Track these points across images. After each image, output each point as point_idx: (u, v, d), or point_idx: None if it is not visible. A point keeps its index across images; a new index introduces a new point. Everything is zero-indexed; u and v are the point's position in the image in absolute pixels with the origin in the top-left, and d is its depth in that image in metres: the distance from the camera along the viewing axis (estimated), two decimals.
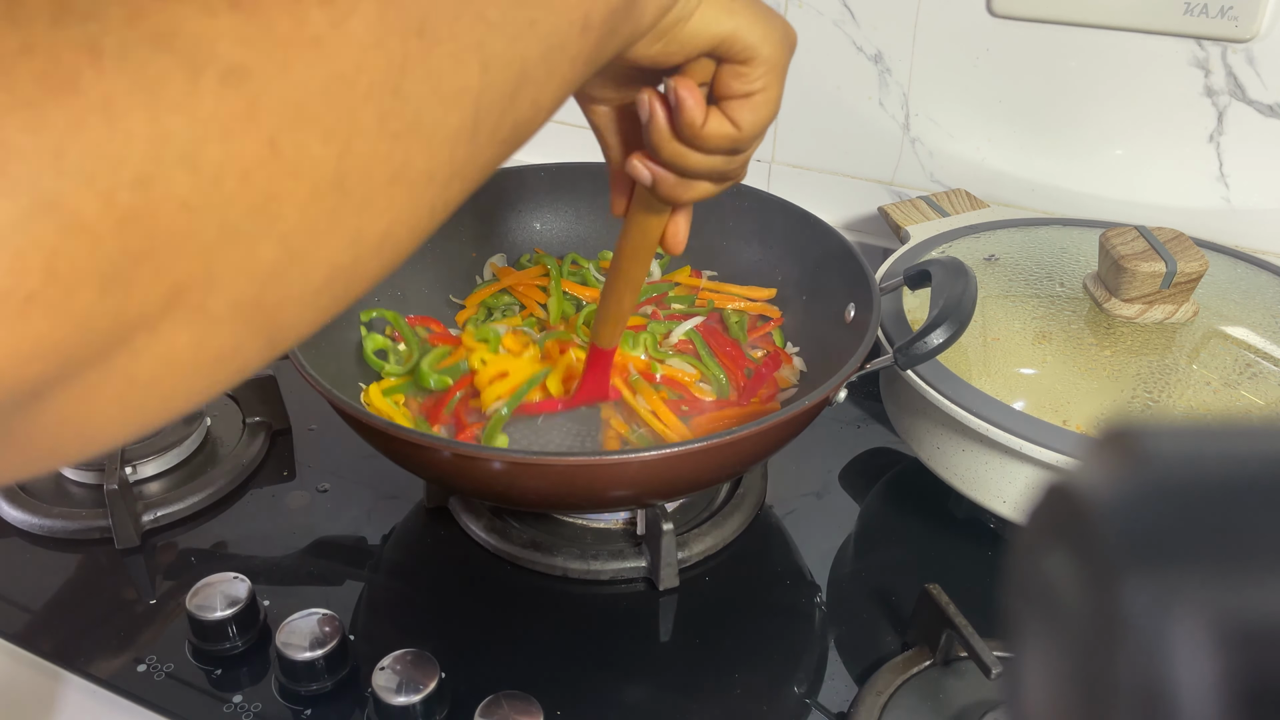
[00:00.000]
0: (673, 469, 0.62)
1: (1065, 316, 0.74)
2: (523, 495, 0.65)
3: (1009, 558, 0.19)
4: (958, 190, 0.94)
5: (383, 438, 0.63)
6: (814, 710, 0.63)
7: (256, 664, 0.65)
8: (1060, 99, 0.92)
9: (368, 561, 0.74)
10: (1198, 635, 0.15)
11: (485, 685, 0.60)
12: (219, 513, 0.79)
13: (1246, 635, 0.15)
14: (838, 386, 0.65)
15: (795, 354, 0.83)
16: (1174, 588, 0.16)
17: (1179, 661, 0.15)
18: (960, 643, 0.61)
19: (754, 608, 0.71)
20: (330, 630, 0.63)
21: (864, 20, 0.95)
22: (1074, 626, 0.17)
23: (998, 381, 0.69)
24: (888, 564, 0.75)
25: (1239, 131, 0.87)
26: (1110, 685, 0.16)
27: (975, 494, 0.71)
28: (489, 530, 0.74)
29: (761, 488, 0.79)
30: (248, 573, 0.68)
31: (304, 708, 0.62)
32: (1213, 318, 0.74)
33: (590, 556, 0.72)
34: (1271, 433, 0.17)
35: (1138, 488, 0.17)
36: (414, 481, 0.77)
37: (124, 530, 0.74)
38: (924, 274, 0.72)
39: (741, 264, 0.89)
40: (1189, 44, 0.85)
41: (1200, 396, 0.68)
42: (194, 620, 0.65)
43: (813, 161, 1.04)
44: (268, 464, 0.84)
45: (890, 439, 0.85)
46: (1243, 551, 0.16)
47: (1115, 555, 0.16)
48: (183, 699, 0.63)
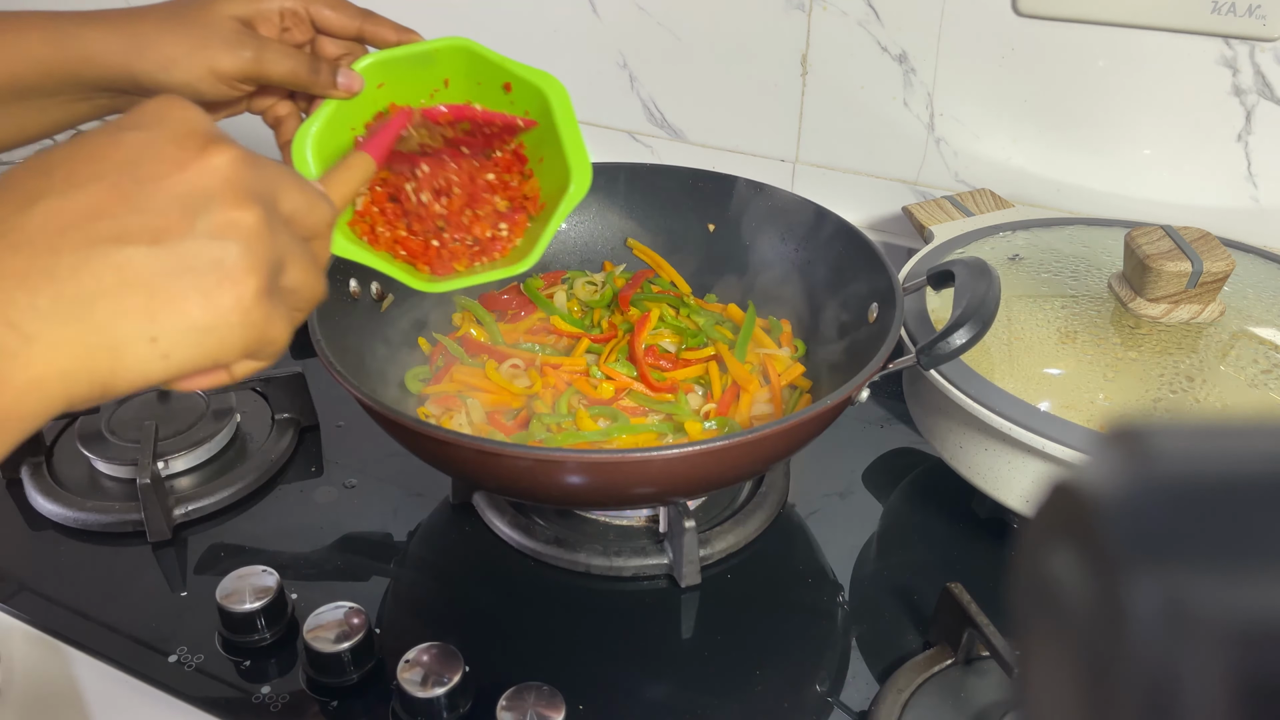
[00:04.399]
0: (695, 466, 0.62)
1: (1090, 316, 0.74)
2: (547, 492, 0.66)
3: (1015, 555, 0.20)
4: (982, 190, 0.94)
5: (410, 434, 0.63)
6: (835, 708, 0.63)
7: (284, 656, 0.66)
8: (1086, 98, 0.91)
9: (394, 556, 0.75)
10: (1201, 632, 0.15)
11: (508, 678, 0.61)
12: (248, 507, 0.80)
13: (1249, 632, 0.15)
14: (860, 386, 0.65)
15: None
16: (1178, 585, 0.16)
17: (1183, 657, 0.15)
18: (982, 642, 0.61)
19: (776, 606, 0.71)
20: (357, 624, 0.64)
21: (888, 20, 0.95)
22: (1079, 622, 0.17)
23: (1022, 381, 0.69)
24: (910, 563, 0.75)
25: (1267, 131, 0.86)
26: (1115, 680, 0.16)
27: (998, 493, 0.71)
28: (513, 526, 0.75)
29: (784, 486, 0.79)
30: (276, 566, 0.69)
31: (331, 699, 0.63)
32: (1240, 318, 0.73)
33: (613, 553, 0.72)
34: (1274, 432, 0.17)
35: (1143, 486, 0.17)
36: (440, 478, 0.78)
37: (156, 524, 0.76)
38: (947, 274, 0.72)
39: (765, 263, 0.89)
40: (1216, 43, 0.84)
41: (1227, 397, 0.68)
42: (224, 612, 0.66)
43: (837, 161, 1.04)
44: (296, 460, 0.85)
45: (913, 438, 0.85)
46: (1246, 550, 0.16)
47: (1120, 552, 0.16)
48: (212, 690, 0.64)
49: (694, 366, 0.82)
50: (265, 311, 0.37)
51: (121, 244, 0.34)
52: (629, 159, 1.05)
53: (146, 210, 0.35)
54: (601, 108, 1.12)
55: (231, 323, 0.36)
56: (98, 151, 0.35)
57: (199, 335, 0.35)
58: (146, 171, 0.35)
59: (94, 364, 0.34)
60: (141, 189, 0.35)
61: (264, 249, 0.37)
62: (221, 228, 0.35)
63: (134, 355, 0.34)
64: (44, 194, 0.34)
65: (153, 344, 0.35)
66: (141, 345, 0.34)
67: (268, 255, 0.37)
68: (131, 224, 0.34)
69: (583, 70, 1.10)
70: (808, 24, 0.98)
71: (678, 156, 1.11)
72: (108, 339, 0.34)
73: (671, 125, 1.10)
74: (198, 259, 0.35)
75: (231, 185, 0.36)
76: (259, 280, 0.36)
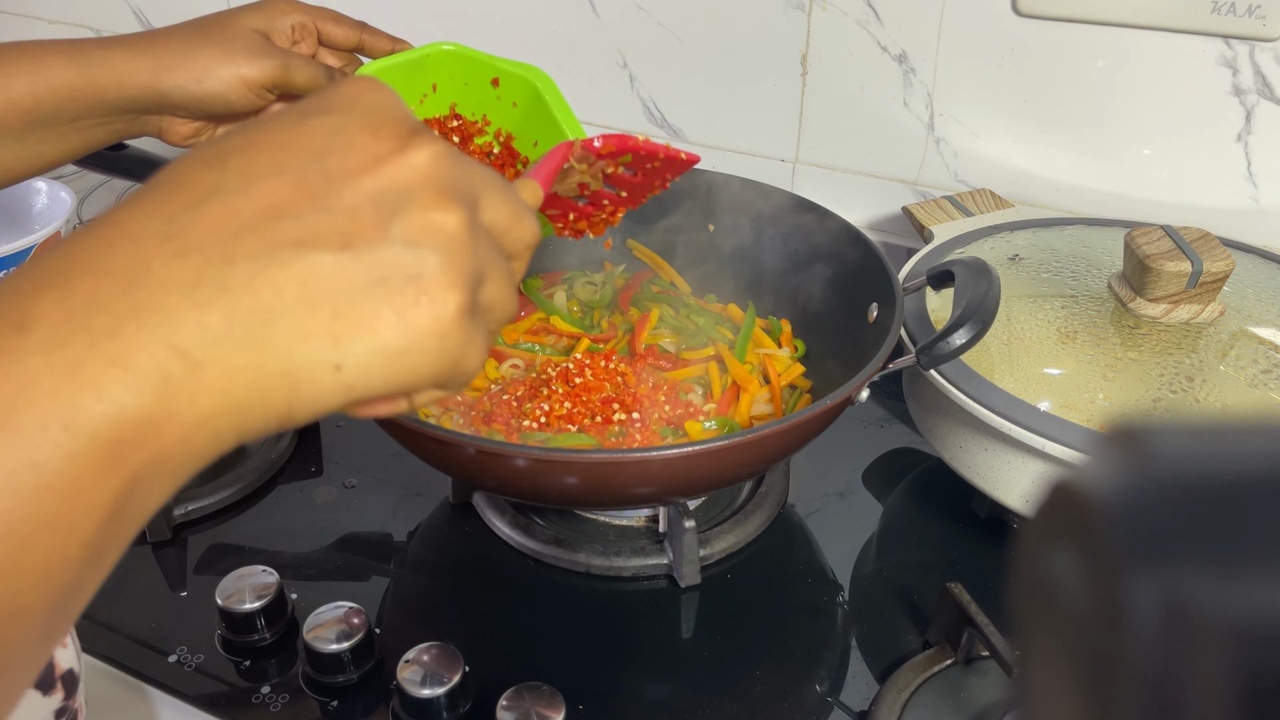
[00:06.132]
0: (695, 466, 0.62)
1: (1090, 316, 0.74)
2: (546, 492, 0.66)
3: (1015, 555, 0.20)
4: (982, 190, 0.94)
5: (409, 434, 0.63)
6: (835, 708, 0.63)
7: (284, 656, 0.66)
8: (1086, 98, 0.91)
9: (393, 556, 0.75)
10: (1202, 632, 0.15)
11: (508, 678, 0.61)
12: (248, 507, 0.80)
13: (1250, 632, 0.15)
14: (860, 386, 0.65)
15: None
16: (1178, 585, 0.16)
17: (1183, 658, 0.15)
18: (982, 642, 0.61)
19: (776, 606, 0.71)
20: (357, 623, 0.64)
21: (888, 20, 0.95)
22: (1079, 623, 0.17)
23: (1021, 381, 0.69)
24: (910, 563, 0.75)
25: (1267, 130, 0.86)
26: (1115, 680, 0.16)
27: (998, 493, 0.71)
28: (513, 526, 0.75)
29: (784, 486, 0.80)
30: (276, 566, 0.69)
31: (330, 699, 0.63)
32: (1240, 318, 0.73)
33: (613, 553, 0.72)
34: (1274, 432, 0.17)
35: (1143, 486, 0.17)
36: (439, 478, 0.78)
37: (155, 524, 0.76)
38: (947, 274, 0.72)
39: (765, 263, 0.89)
40: (1216, 43, 0.84)
41: (1227, 397, 0.68)
42: (223, 612, 0.66)
43: (837, 161, 1.04)
44: (296, 460, 0.85)
45: (913, 438, 0.85)
46: (1247, 549, 0.16)
47: (1120, 552, 0.16)
48: (212, 690, 0.64)
49: (694, 366, 0.82)
50: (465, 333, 0.31)
51: (306, 249, 0.29)
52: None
53: (335, 210, 0.30)
54: (601, 108, 1.12)
55: (427, 346, 0.30)
56: (281, 139, 0.31)
57: (388, 361, 0.30)
58: (336, 164, 0.30)
59: (269, 395, 0.29)
60: (330, 184, 0.30)
61: (466, 260, 0.31)
62: (421, 233, 0.30)
63: (313, 385, 0.29)
64: (217, 190, 0.29)
65: (336, 372, 0.29)
66: (324, 374, 0.29)
67: (470, 267, 0.32)
68: (318, 225, 0.29)
69: (583, 70, 1.10)
70: (808, 24, 0.98)
71: None
72: (286, 365, 0.29)
73: (671, 125, 1.10)
74: (393, 269, 0.30)
75: (434, 184, 0.31)
76: (461, 297, 0.31)
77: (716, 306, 0.90)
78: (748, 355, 0.83)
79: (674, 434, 0.76)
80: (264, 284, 0.28)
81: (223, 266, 0.28)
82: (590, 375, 0.77)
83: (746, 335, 0.84)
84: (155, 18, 1.36)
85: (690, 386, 0.81)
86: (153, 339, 0.27)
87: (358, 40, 0.71)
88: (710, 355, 0.83)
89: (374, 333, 0.29)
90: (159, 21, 1.36)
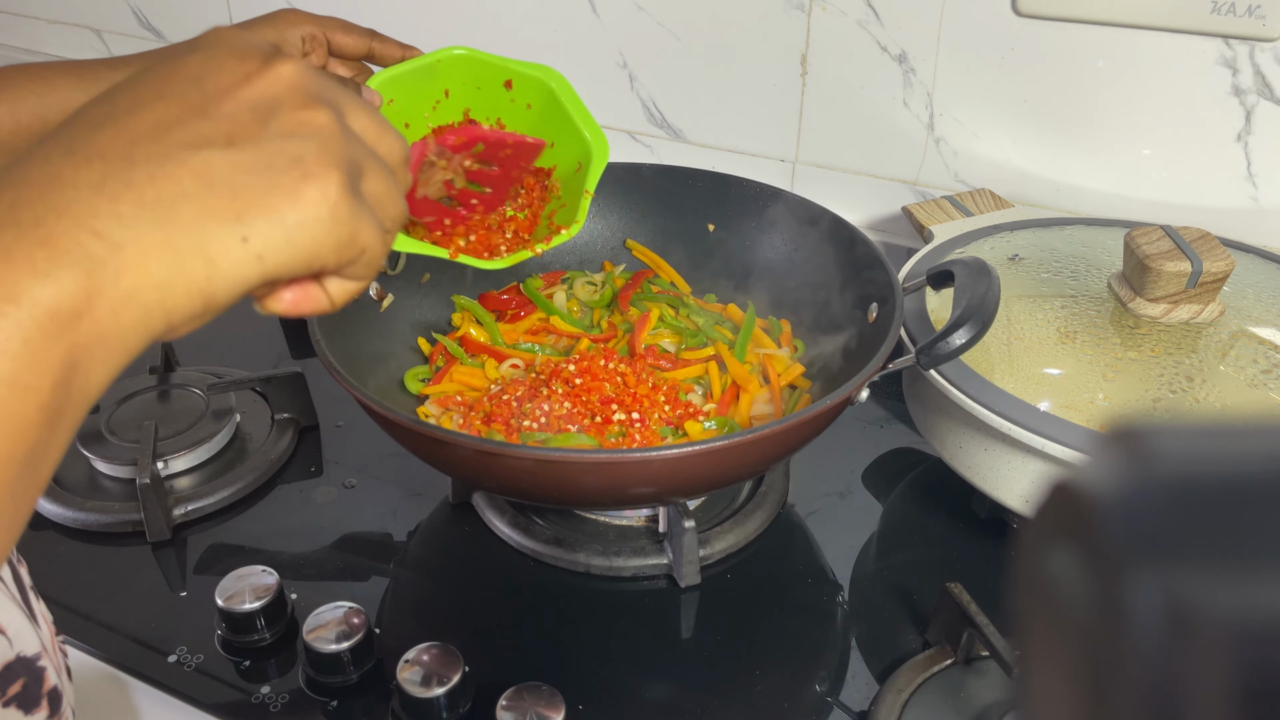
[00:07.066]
0: (695, 466, 0.62)
1: (1090, 316, 0.74)
2: (546, 492, 0.66)
3: (1015, 555, 0.20)
4: (982, 190, 0.94)
5: (409, 434, 0.63)
6: (835, 708, 0.63)
7: (284, 656, 0.66)
8: (1086, 98, 0.91)
9: (393, 556, 0.75)
10: (1202, 632, 0.15)
11: (508, 678, 0.61)
12: (248, 507, 0.80)
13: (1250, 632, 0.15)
14: (860, 386, 0.65)
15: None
16: (1178, 585, 0.16)
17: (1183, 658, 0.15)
18: (981, 642, 0.61)
19: (775, 606, 0.71)
20: (356, 623, 0.64)
21: (888, 20, 0.95)
22: (1079, 622, 0.17)
23: (1021, 381, 0.69)
24: (910, 563, 0.75)
25: (1267, 131, 0.86)
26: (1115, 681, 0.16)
27: (998, 493, 0.71)
28: (513, 526, 0.75)
29: (783, 486, 0.79)
30: (276, 566, 0.69)
31: (330, 699, 0.63)
32: (1239, 318, 0.73)
33: (613, 553, 0.72)
34: (1274, 431, 0.17)
35: (1143, 486, 0.17)
36: (439, 478, 0.78)
37: (155, 524, 0.76)
38: (947, 274, 0.72)
39: (765, 263, 0.89)
40: (1216, 43, 0.84)
41: (1227, 397, 0.68)
42: (223, 612, 0.66)
43: (837, 161, 1.04)
44: (295, 460, 0.85)
45: (913, 438, 0.86)
46: (1247, 549, 0.16)
47: (1120, 552, 0.16)
48: (212, 689, 0.64)
49: (694, 366, 0.82)
50: (351, 208, 0.36)
51: (196, 149, 0.33)
52: (629, 159, 1.06)
53: (217, 117, 0.34)
54: (601, 108, 1.11)
55: (321, 216, 0.35)
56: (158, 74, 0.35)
57: (290, 232, 0.34)
58: (212, 85, 0.35)
59: (188, 270, 0.33)
60: (209, 100, 0.34)
61: (339, 147, 0.36)
62: (295, 126, 0.35)
63: (227, 258, 0.33)
64: (109, 117, 0.33)
65: (244, 244, 0.33)
66: (233, 246, 0.33)
67: (344, 153, 0.36)
68: (204, 129, 0.34)
69: (582, 70, 1.10)
70: (807, 24, 0.98)
71: (677, 156, 1.11)
72: (197, 241, 0.32)
73: (671, 125, 1.10)
74: (276, 156, 0.34)
75: (300, 91, 0.36)
76: (340, 176, 0.35)
77: (716, 306, 0.90)
78: (747, 355, 0.83)
79: (674, 434, 0.76)
80: (164, 177, 0.32)
81: (124, 167, 0.32)
82: (590, 375, 0.77)
83: (746, 335, 0.84)
84: (155, 18, 1.36)
85: (690, 386, 0.81)
86: (73, 226, 0.31)
87: (367, 49, 0.72)
88: (710, 355, 0.83)
89: (271, 207, 0.34)
90: (159, 22, 1.36)
